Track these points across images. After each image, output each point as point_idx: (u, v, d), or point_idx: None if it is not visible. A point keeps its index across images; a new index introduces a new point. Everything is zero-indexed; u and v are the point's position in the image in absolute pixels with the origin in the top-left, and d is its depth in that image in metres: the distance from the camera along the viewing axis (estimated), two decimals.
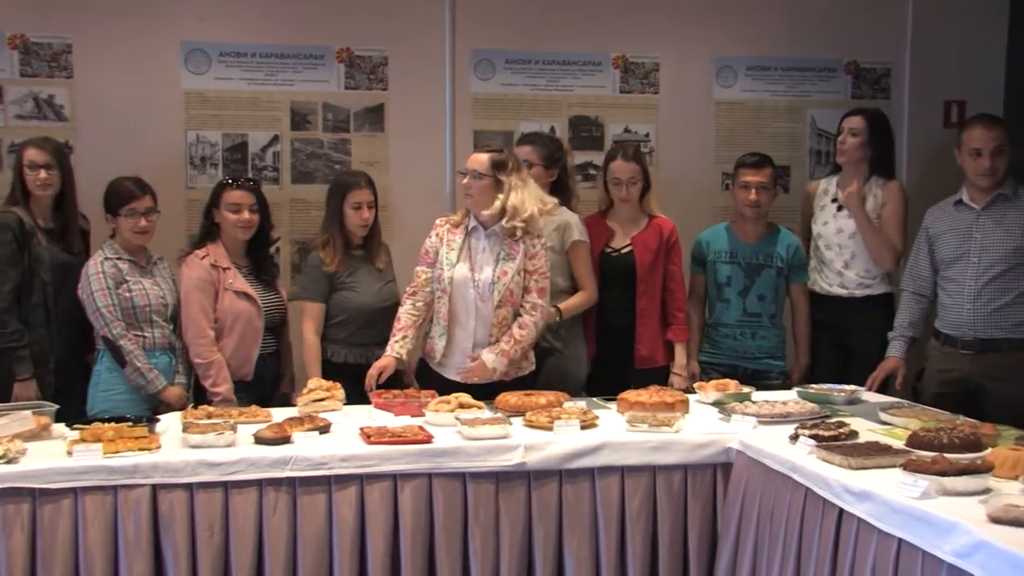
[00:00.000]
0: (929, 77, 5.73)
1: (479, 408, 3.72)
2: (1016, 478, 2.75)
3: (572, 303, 4.54)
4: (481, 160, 4.12)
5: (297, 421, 3.49)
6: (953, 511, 2.52)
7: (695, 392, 4.15)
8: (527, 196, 4.12)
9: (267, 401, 4.20)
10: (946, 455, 2.85)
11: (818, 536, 2.99)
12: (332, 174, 5.12)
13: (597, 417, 3.68)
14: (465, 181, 4.14)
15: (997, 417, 4.07)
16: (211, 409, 3.73)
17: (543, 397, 3.86)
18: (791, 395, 4.11)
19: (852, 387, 4.19)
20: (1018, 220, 4.30)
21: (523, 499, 3.38)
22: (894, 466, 2.89)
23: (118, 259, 4.20)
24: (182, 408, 4.02)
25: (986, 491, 2.66)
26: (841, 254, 4.93)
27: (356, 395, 4.01)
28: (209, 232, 4.39)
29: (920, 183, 5.50)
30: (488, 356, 4.09)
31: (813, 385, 4.28)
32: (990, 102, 5.57)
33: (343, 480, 3.24)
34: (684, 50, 5.59)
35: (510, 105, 5.45)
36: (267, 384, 4.44)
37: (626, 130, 5.53)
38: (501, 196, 4.08)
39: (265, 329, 4.38)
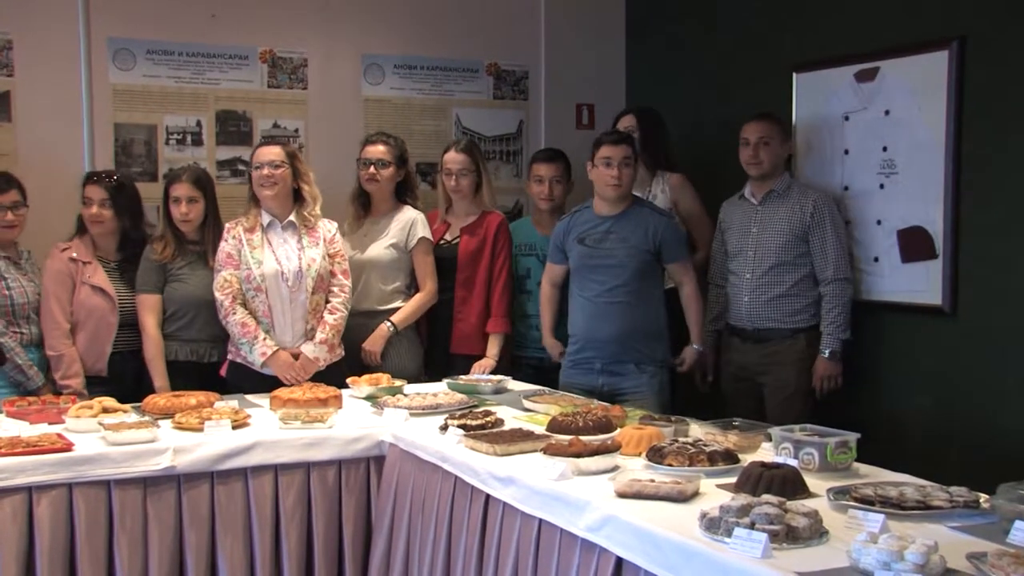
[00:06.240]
0: (562, 81, 6.06)
1: (124, 412, 3.58)
2: (640, 454, 3.02)
3: (408, 310, 4.69)
4: (276, 151, 4.35)
5: None
6: (586, 489, 2.71)
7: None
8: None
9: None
10: (581, 438, 3.07)
11: (467, 522, 3.12)
12: None
13: (249, 416, 3.65)
14: (265, 172, 4.28)
15: (772, 400, 4.43)
16: None
17: (193, 397, 3.78)
18: (441, 387, 4.25)
19: (499, 377, 4.38)
20: (787, 217, 4.51)
21: (173, 503, 3.30)
22: (536, 451, 3.07)
23: None
24: None
25: (615, 468, 2.88)
26: None
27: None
28: (81, 225, 4.43)
29: None
30: (308, 347, 4.27)
31: (463, 376, 4.45)
32: (615, 106, 6.01)
33: None
34: (332, 47, 5.60)
35: (153, 97, 5.23)
36: (127, 382, 4.34)
37: (275, 125, 5.46)
38: (306, 186, 4.35)
39: (127, 326, 4.38)
